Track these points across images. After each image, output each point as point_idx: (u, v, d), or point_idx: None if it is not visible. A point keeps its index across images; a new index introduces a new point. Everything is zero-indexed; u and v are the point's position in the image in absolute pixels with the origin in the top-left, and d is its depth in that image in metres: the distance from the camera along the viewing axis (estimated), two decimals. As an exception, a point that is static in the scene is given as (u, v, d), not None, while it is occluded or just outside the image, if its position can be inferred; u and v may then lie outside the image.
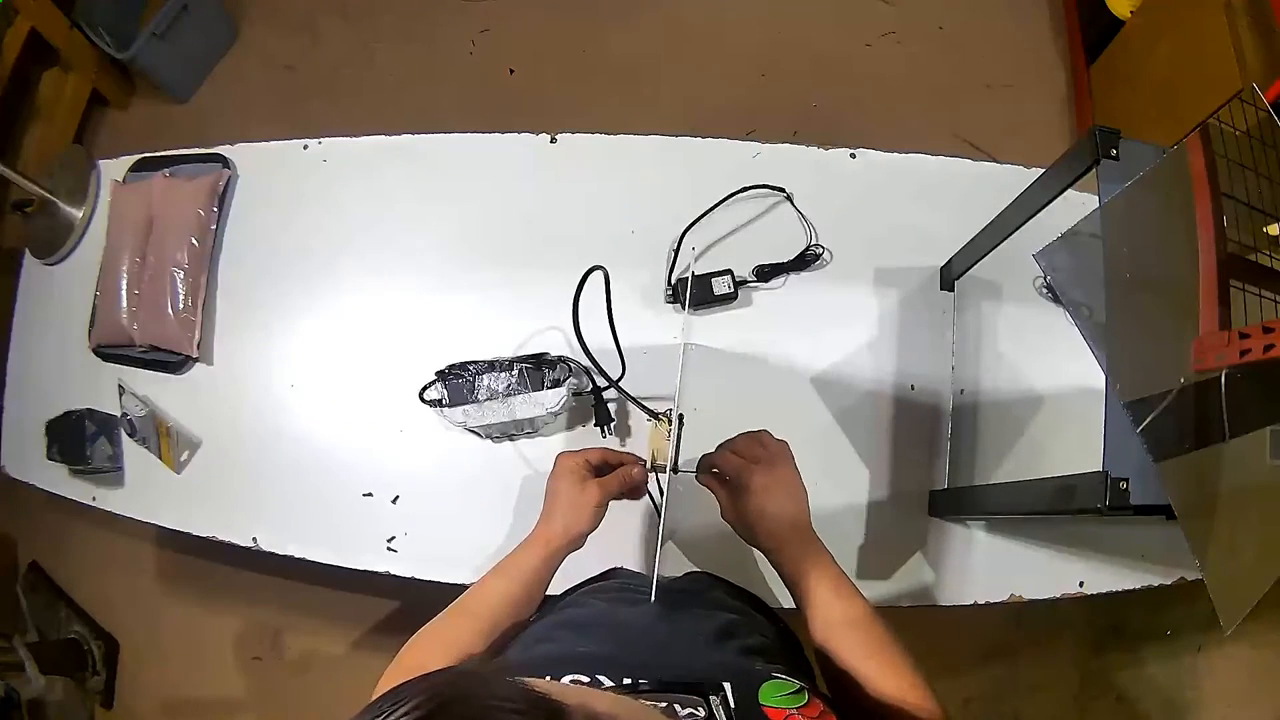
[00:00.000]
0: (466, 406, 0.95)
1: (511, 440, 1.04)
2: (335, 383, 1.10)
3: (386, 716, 0.30)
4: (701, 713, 0.43)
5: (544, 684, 0.33)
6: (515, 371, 0.95)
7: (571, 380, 0.95)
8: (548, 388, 0.95)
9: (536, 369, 0.96)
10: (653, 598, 0.64)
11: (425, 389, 0.97)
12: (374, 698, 0.61)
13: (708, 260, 1.07)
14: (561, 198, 1.12)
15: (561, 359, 0.97)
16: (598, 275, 0.81)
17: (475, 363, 0.97)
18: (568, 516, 0.71)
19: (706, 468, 0.77)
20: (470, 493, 1.03)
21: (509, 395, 0.95)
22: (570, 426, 1.04)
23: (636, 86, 2.13)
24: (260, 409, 1.11)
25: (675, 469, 0.77)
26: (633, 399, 0.84)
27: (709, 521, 0.91)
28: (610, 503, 0.74)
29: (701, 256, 1.07)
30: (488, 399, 0.95)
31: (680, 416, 0.77)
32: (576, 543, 0.73)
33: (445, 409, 0.96)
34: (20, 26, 1.92)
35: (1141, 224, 0.71)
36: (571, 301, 0.79)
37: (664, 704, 0.43)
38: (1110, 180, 0.69)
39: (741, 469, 0.73)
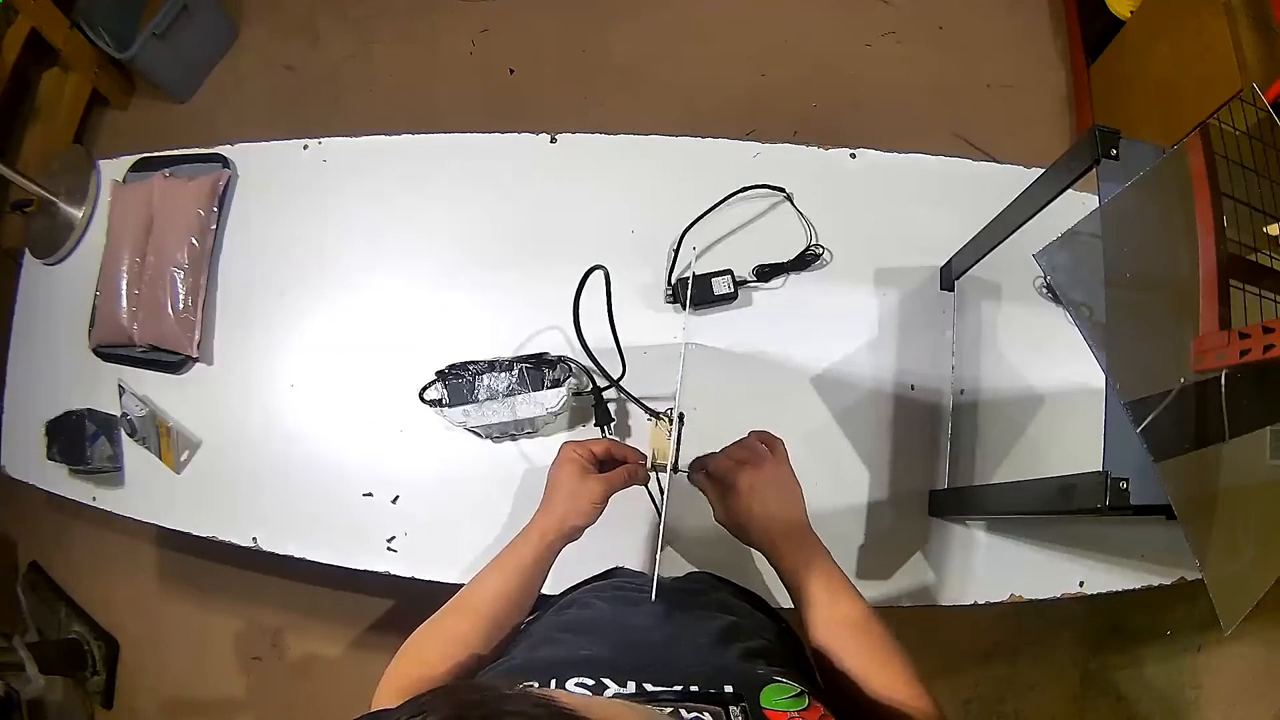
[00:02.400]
0: (466, 406, 0.95)
1: (512, 440, 1.04)
2: (335, 383, 1.10)
3: None
4: (708, 719, 0.43)
5: (567, 697, 0.33)
6: (515, 371, 0.95)
7: (571, 380, 0.95)
8: (548, 387, 0.95)
9: (536, 369, 0.96)
10: (653, 597, 0.64)
11: (425, 389, 0.97)
12: (378, 697, 0.61)
13: (708, 260, 1.07)
14: (561, 198, 1.12)
15: (561, 359, 0.97)
16: (598, 275, 0.81)
17: (475, 363, 0.97)
18: (567, 508, 0.71)
19: (698, 469, 0.77)
20: (470, 493, 1.03)
21: (509, 395, 0.95)
22: (571, 426, 1.04)
23: (636, 86, 2.13)
24: (260, 409, 1.11)
25: (676, 468, 0.77)
26: (633, 398, 0.84)
27: (709, 522, 0.91)
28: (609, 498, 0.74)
29: (701, 256, 1.07)
30: (488, 399, 0.95)
31: (680, 415, 0.77)
32: (573, 535, 0.73)
33: (445, 409, 0.96)
34: (20, 26, 1.92)
35: (1141, 224, 0.71)
36: (572, 301, 0.79)
37: (670, 708, 0.43)
38: (1110, 180, 0.69)
39: (729, 469, 0.73)
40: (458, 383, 0.97)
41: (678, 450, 0.77)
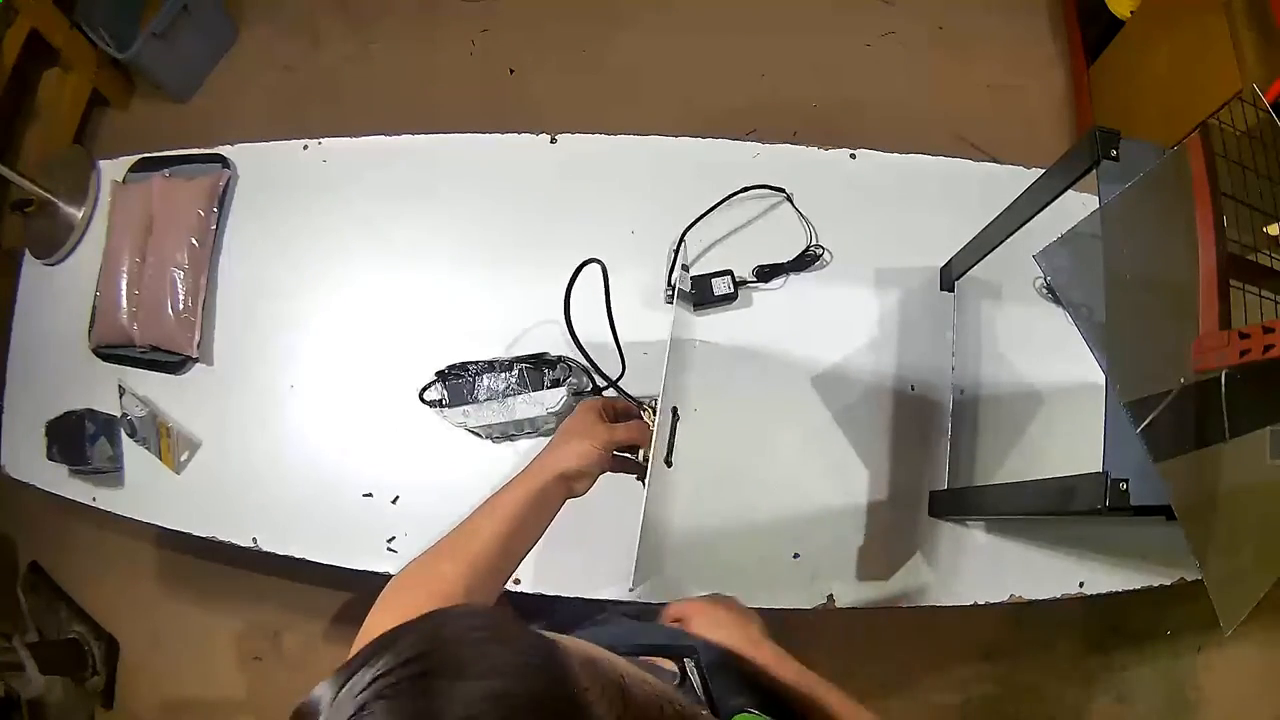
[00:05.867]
0: (466, 407, 0.95)
1: (512, 440, 1.04)
2: (335, 383, 1.10)
3: (380, 658, 0.30)
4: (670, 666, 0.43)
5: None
6: (515, 371, 0.95)
7: (571, 380, 0.95)
8: (548, 387, 0.95)
9: (536, 368, 0.96)
10: (631, 584, 0.62)
11: (425, 389, 0.97)
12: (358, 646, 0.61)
13: (708, 260, 1.07)
14: (561, 198, 1.12)
15: (561, 358, 0.97)
16: (595, 272, 0.81)
17: (475, 363, 0.97)
18: (566, 450, 0.69)
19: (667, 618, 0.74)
20: (470, 493, 1.01)
21: (509, 395, 0.95)
22: (570, 426, 1.04)
23: (636, 86, 2.13)
24: (260, 409, 1.11)
25: (669, 461, 0.76)
26: (630, 397, 0.84)
27: (692, 522, 0.91)
28: (611, 474, 0.73)
29: (701, 256, 1.07)
30: (488, 399, 0.95)
31: (674, 410, 0.77)
32: (574, 483, 0.70)
33: (445, 409, 0.96)
34: (20, 26, 1.92)
35: (1141, 224, 0.71)
36: (564, 295, 0.78)
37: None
38: (1110, 181, 0.69)
39: (685, 611, 0.70)
40: (457, 383, 0.96)
41: (663, 440, 0.75)
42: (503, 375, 0.95)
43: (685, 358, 1.02)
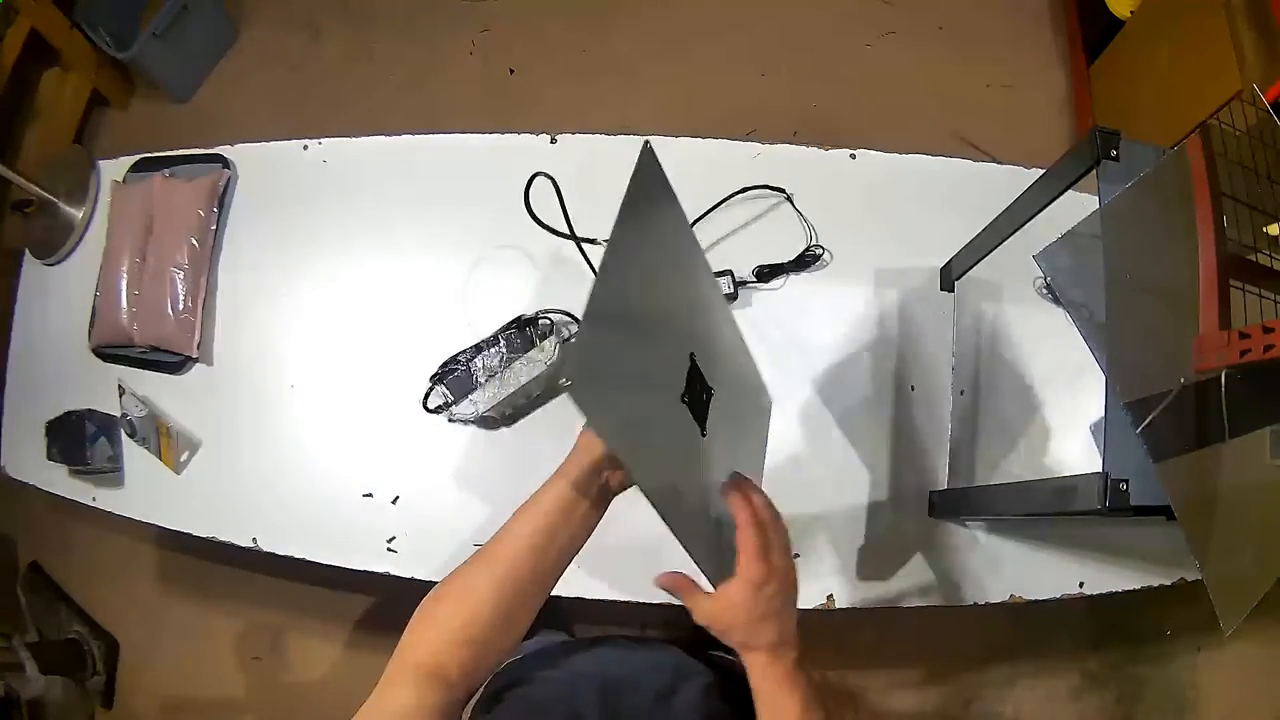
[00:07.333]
0: (472, 396, 0.96)
1: (530, 412, 1.03)
2: (335, 383, 1.10)
3: None
4: None
5: None
6: (501, 342, 0.97)
7: (557, 329, 0.97)
8: (537, 345, 0.97)
9: (520, 331, 0.98)
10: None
11: (426, 397, 0.97)
12: (401, 661, 0.60)
13: (708, 260, 1.07)
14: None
15: (539, 314, 0.99)
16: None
17: (463, 352, 0.98)
18: (583, 438, 0.66)
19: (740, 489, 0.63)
20: (471, 492, 1.03)
21: (506, 367, 0.96)
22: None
23: (636, 87, 2.13)
24: (260, 409, 1.11)
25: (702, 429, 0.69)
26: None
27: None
28: None
29: (701, 256, 1.07)
30: (489, 379, 0.96)
31: (709, 384, 0.73)
32: (599, 476, 0.65)
33: (454, 408, 0.96)
34: (20, 26, 1.92)
35: (1141, 224, 0.71)
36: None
37: None
38: (1110, 181, 0.69)
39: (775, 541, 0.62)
40: (455, 377, 0.97)
41: (703, 411, 0.69)
42: (492, 351, 0.97)
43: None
